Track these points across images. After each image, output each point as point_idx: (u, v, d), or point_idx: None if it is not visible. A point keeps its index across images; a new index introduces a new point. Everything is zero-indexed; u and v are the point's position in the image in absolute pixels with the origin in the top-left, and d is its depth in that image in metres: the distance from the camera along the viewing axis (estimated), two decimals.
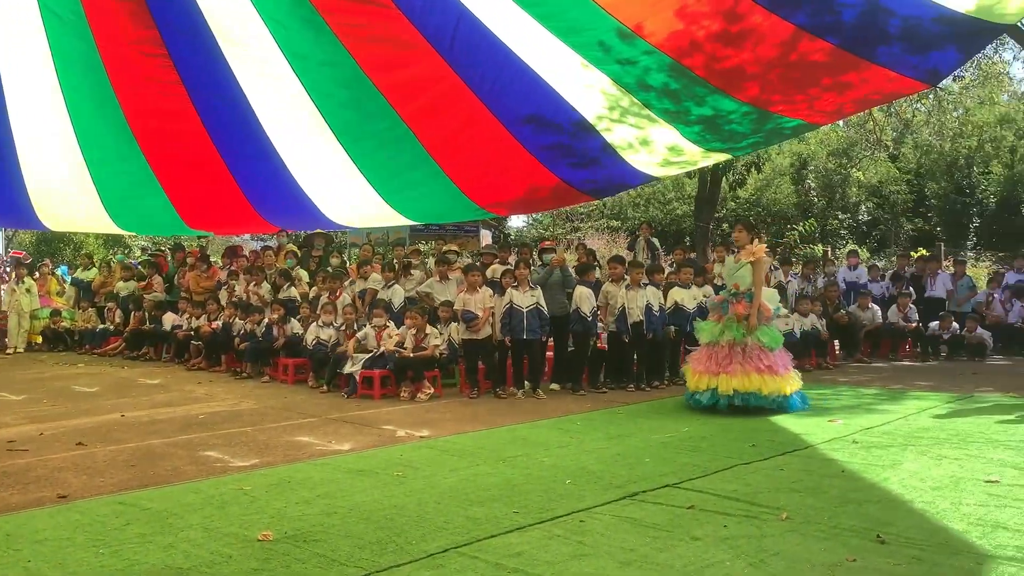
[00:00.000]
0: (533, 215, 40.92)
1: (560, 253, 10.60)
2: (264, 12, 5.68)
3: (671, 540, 3.88)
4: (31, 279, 15.63)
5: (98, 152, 6.64)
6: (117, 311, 14.57)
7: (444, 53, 5.81)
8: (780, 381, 7.50)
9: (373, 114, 6.26)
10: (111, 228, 7.70)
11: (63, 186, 6.87)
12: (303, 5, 5.50)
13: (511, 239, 29.87)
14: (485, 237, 24.23)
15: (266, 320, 11.07)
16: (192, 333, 12.35)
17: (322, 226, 9.68)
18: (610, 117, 6.28)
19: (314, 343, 10.14)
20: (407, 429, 7.10)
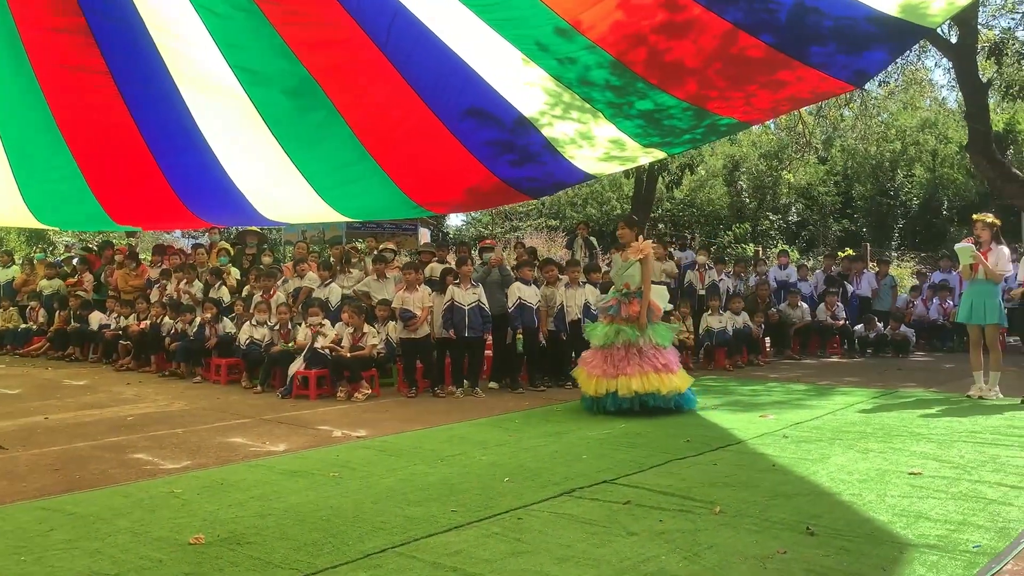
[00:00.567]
0: (472, 214, 40.93)
1: (498, 252, 10.62)
2: (197, 1, 5.54)
3: (608, 536, 3.92)
4: None
5: (19, 143, 6.40)
6: (40, 310, 14.07)
7: (382, 46, 5.75)
8: (677, 379, 7.44)
9: (309, 108, 6.16)
10: (31, 223, 7.42)
11: None
12: None
13: (449, 238, 29.80)
14: (423, 235, 24.13)
15: (198, 319, 10.82)
16: (120, 333, 12.01)
17: (255, 223, 9.50)
18: (552, 113, 6.30)
19: (247, 343, 9.96)
20: (344, 429, 7.02)
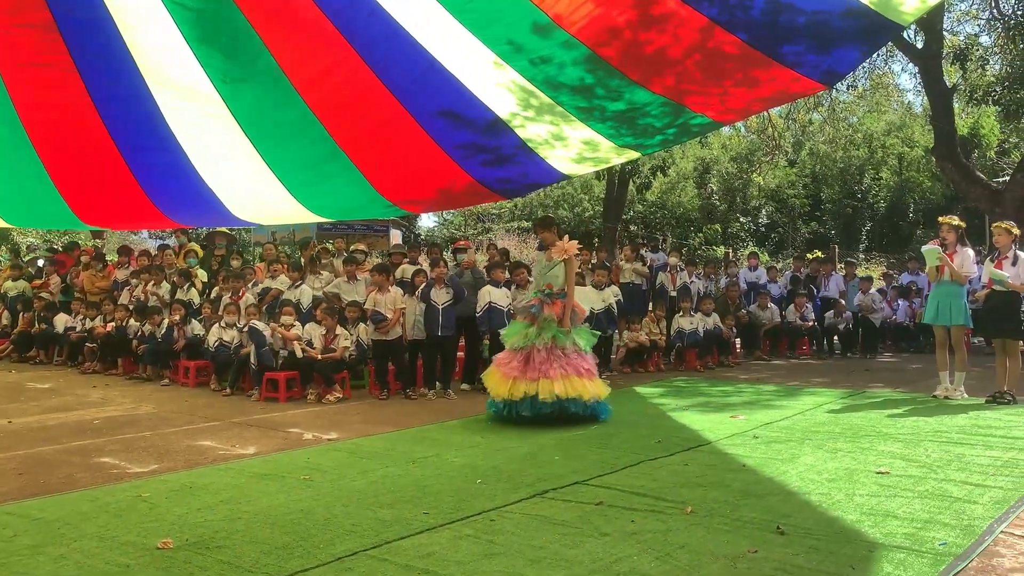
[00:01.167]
0: (444, 215, 40.88)
1: (471, 254, 10.59)
2: None
3: (580, 536, 3.92)
4: None
5: None
6: (4, 312, 13.82)
7: (356, 45, 5.72)
8: (598, 386, 7.12)
9: (281, 105, 6.11)
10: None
11: None
12: None
13: (421, 239, 29.72)
14: (395, 237, 24.05)
15: (166, 321, 10.68)
16: (86, 335, 11.82)
17: (226, 223, 9.40)
18: (524, 115, 6.30)
19: (216, 345, 9.85)
20: (314, 432, 6.97)
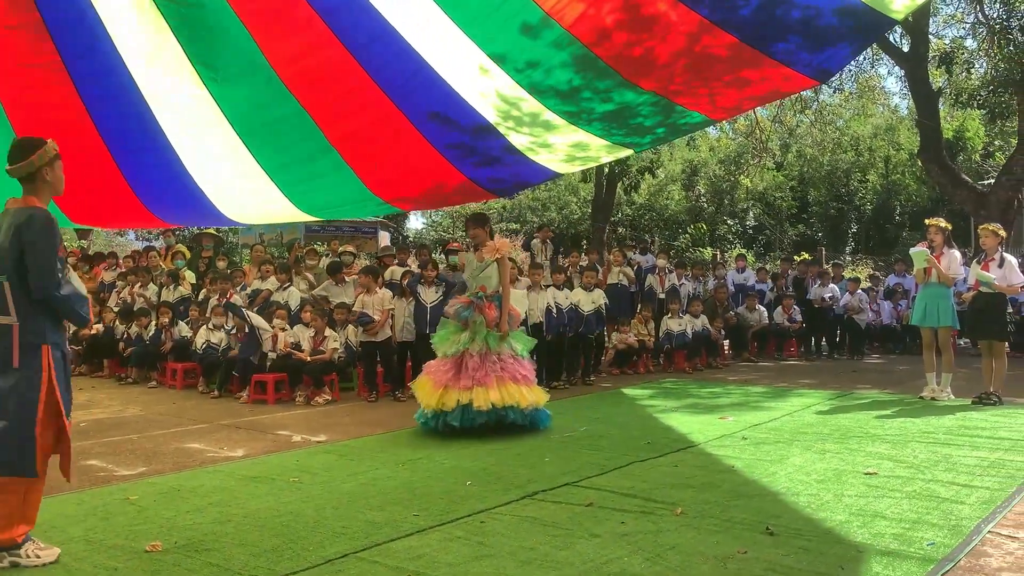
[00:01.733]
0: (432, 217, 40.88)
1: (462, 257, 10.58)
2: None
3: (571, 538, 3.92)
4: None
5: None
6: None
7: (349, 45, 5.72)
8: (536, 393, 6.77)
9: (272, 103, 6.10)
10: None
11: None
12: None
13: (409, 241, 29.69)
14: (383, 238, 23.99)
15: (153, 323, 10.64)
16: (71, 337, 11.74)
17: (216, 223, 9.37)
18: (505, 125, 6.32)
19: (204, 347, 9.80)
20: (303, 434, 6.94)
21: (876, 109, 27.76)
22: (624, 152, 6.90)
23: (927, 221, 8.54)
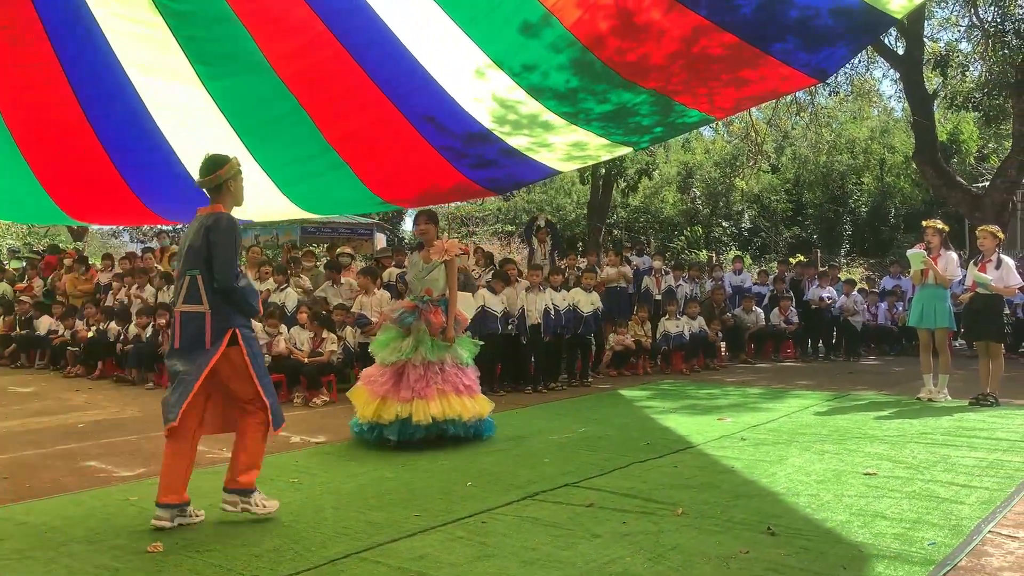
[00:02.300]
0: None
1: (464, 260, 10.56)
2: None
3: (572, 538, 3.93)
4: None
5: None
6: None
7: (346, 44, 5.73)
8: (479, 403, 6.45)
9: (270, 101, 6.11)
10: None
11: None
12: None
13: (405, 243, 29.67)
14: (379, 240, 23.97)
15: (150, 324, 10.61)
16: (69, 339, 11.71)
17: None
18: (501, 130, 6.34)
19: None
20: (302, 435, 6.93)
21: (872, 112, 27.83)
22: (624, 150, 6.93)
23: (924, 223, 8.56)
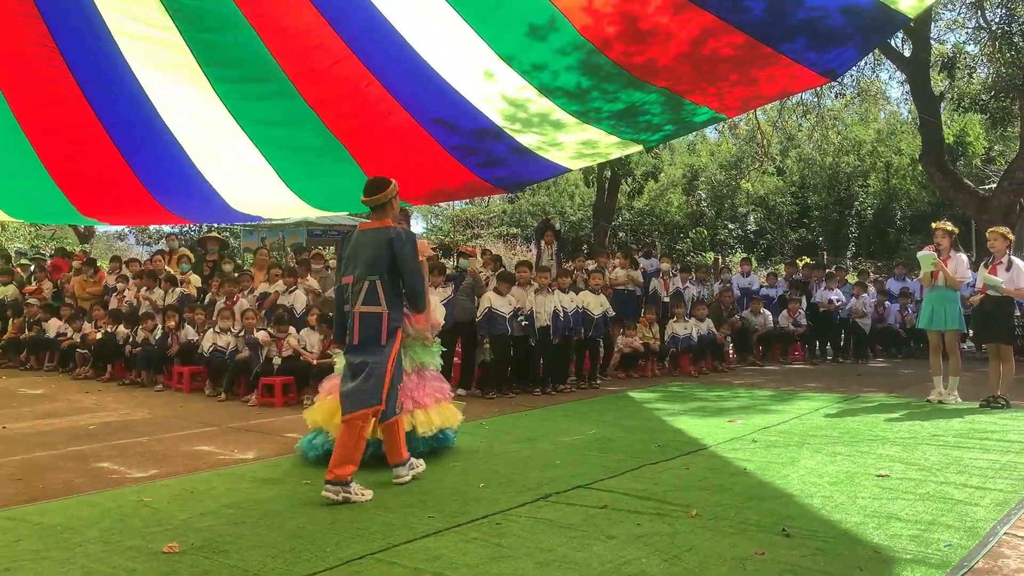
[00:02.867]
0: (432, 222, 41.00)
1: (473, 264, 10.58)
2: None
3: (587, 539, 3.92)
4: None
5: None
6: None
7: (354, 48, 5.75)
8: (456, 409, 6.14)
9: (278, 99, 6.13)
10: (1, 216, 7.33)
11: None
12: None
13: None
14: None
15: (159, 327, 10.64)
16: (78, 341, 11.74)
17: (224, 218, 9.41)
18: (512, 128, 6.35)
19: (211, 350, 9.80)
20: None
21: (879, 114, 27.78)
22: (634, 148, 6.94)
23: (934, 225, 8.54)
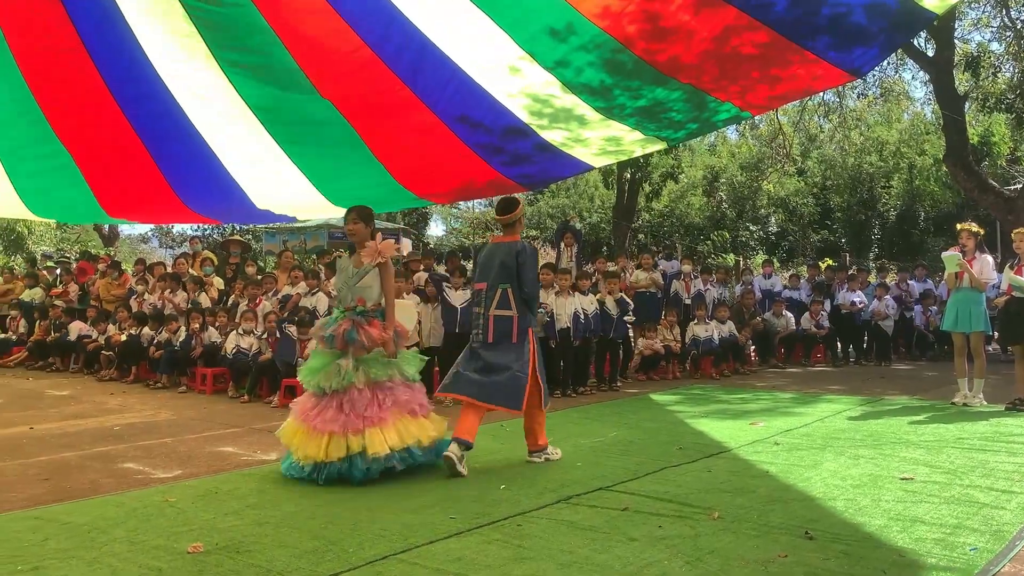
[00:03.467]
0: (451, 223, 41.17)
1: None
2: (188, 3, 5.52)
3: (608, 541, 3.92)
4: None
5: (8, 140, 6.36)
6: (21, 320, 13.90)
7: (377, 50, 5.78)
8: (436, 423, 5.66)
9: (302, 98, 6.17)
10: (26, 215, 7.41)
11: None
12: None
13: (429, 247, 29.84)
14: (406, 245, 24.10)
15: (183, 329, 10.75)
16: (102, 343, 11.88)
17: (249, 218, 9.49)
18: (537, 123, 6.36)
19: (234, 352, 9.88)
20: None
21: (902, 115, 27.55)
22: (658, 145, 6.93)
23: (959, 226, 8.46)
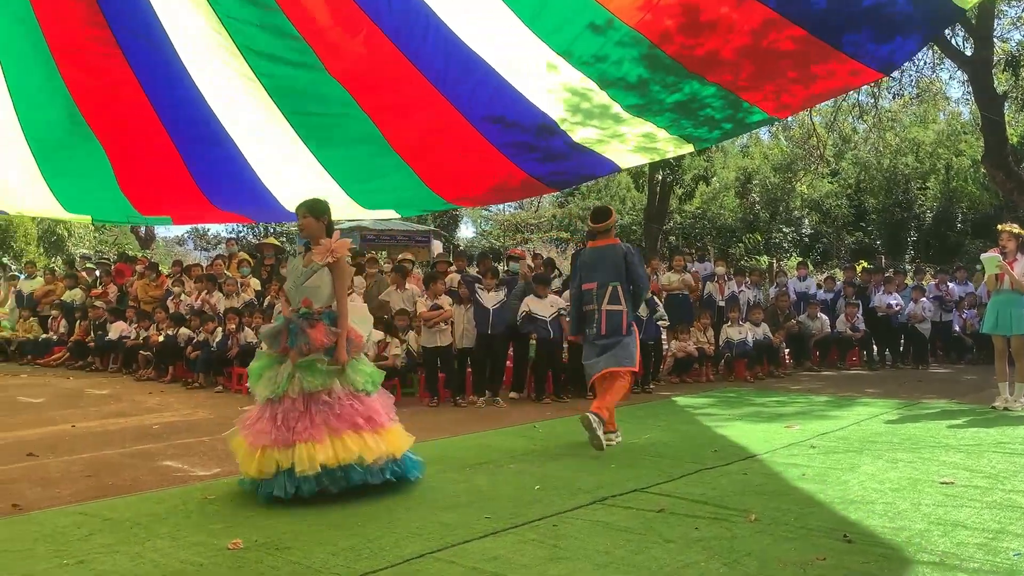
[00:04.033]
0: (481, 226, 41.25)
1: (523, 265, 10.63)
2: (220, 9, 5.60)
3: (645, 543, 3.92)
4: None
5: (45, 140, 6.49)
6: (62, 320, 14.17)
7: (405, 50, 5.81)
8: (388, 439, 5.06)
9: (329, 101, 6.22)
10: (61, 214, 7.52)
11: (8, 173, 6.71)
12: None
13: (460, 249, 29.93)
14: (436, 247, 24.23)
15: (219, 330, 10.90)
16: (141, 343, 12.07)
17: (275, 217, 9.60)
18: (572, 120, 6.36)
19: None
20: None
21: (938, 115, 27.17)
22: (689, 147, 6.91)
23: (999, 227, 8.33)
